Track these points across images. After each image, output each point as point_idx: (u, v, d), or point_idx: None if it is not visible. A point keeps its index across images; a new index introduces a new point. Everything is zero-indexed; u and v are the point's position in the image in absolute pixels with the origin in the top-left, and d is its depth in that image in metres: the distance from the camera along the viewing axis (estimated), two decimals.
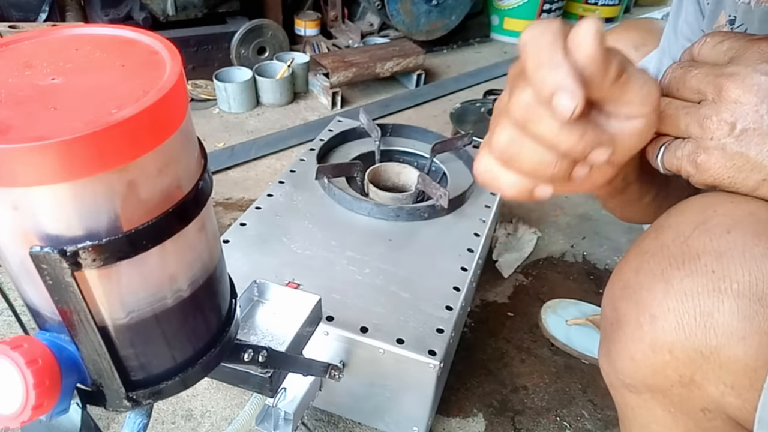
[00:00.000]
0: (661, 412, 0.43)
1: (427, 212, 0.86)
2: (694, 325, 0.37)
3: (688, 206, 0.42)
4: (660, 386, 0.41)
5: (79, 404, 0.33)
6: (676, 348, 0.38)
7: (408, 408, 0.72)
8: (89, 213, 0.27)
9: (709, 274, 0.37)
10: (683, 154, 0.40)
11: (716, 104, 0.37)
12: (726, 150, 0.37)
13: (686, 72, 0.40)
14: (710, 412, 0.39)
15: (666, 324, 0.38)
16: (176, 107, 0.28)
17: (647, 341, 0.39)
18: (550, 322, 1.00)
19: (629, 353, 0.41)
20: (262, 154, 1.45)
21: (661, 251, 0.40)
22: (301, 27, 1.99)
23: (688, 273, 0.38)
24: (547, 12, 2.23)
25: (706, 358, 0.37)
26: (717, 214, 0.39)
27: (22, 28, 1.43)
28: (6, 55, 0.30)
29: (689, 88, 0.39)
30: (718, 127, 0.37)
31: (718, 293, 0.36)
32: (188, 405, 0.83)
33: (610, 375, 0.45)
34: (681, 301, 0.37)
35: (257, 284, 0.55)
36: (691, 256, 0.38)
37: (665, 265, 0.39)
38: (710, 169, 0.38)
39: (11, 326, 0.93)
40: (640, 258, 0.42)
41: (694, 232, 0.39)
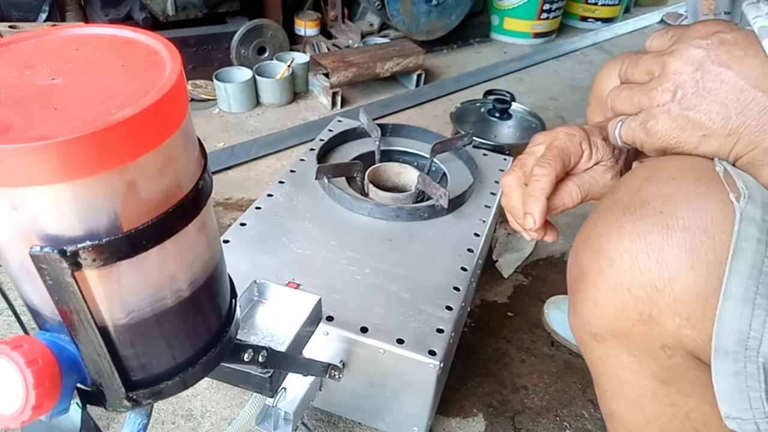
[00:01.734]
0: (626, 358, 0.45)
1: (427, 212, 0.86)
2: (647, 261, 0.40)
3: (638, 168, 0.47)
4: (622, 328, 0.43)
5: (79, 404, 0.33)
6: (634, 285, 0.41)
7: (408, 408, 0.72)
8: (89, 213, 0.27)
9: (658, 215, 0.40)
10: (636, 124, 0.45)
11: (661, 77, 0.43)
12: (671, 113, 0.43)
13: (638, 58, 0.46)
14: (670, 349, 0.42)
15: (623, 264, 0.41)
16: (176, 107, 0.28)
17: (608, 283, 0.42)
18: (552, 317, 1.00)
19: (593, 299, 0.44)
20: (262, 154, 1.45)
21: (615, 204, 0.44)
22: (301, 27, 1.99)
23: (639, 216, 0.41)
24: (547, 12, 2.23)
25: (661, 292, 0.40)
26: (663, 167, 0.44)
27: (22, 28, 1.43)
28: (6, 55, 0.30)
29: (640, 71, 0.46)
30: (662, 95, 0.43)
31: (666, 229, 0.39)
32: (188, 405, 0.83)
33: (578, 330, 0.47)
34: (634, 242, 0.41)
35: (257, 284, 0.55)
36: (641, 202, 0.42)
37: (619, 214, 0.43)
38: (658, 132, 0.44)
39: (11, 326, 0.93)
40: (598, 213, 0.45)
41: (643, 184, 0.43)
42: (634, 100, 0.45)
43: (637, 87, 0.45)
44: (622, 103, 0.47)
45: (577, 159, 0.52)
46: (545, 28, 2.29)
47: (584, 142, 0.52)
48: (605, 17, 2.51)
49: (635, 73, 0.46)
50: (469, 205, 0.91)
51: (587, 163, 0.53)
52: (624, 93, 0.47)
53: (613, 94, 0.48)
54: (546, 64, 2.14)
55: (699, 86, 0.41)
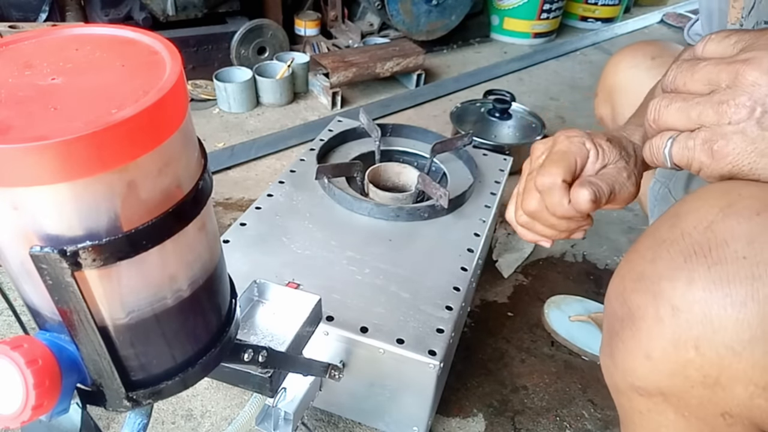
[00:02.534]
0: (673, 417, 0.39)
1: (427, 212, 0.86)
2: (724, 317, 0.33)
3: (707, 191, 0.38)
4: (677, 389, 0.37)
5: (79, 404, 0.33)
6: (703, 343, 0.34)
7: (408, 408, 0.72)
8: (89, 213, 0.27)
9: (741, 260, 0.33)
10: (696, 144, 0.38)
11: (732, 89, 0.36)
12: (746, 134, 0.36)
13: (693, 65, 0.39)
14: (731, 417, 0.36)
15: (691, 316, 0.35)
16: (176, 107, 0.28)
17: (668, 337, 0.36)
18: (552, 317, 1.00)
19: (644, 351, 0.37)
20: (262, 154, 1.45)
21: (682, 239, 0.36)
22: (301, 27, 1.99)
23: (715, 261, 0.34)
24: (547, 12, 2.23)
25: (738, 355, 0.33)
26: (742, 196, 0.36)
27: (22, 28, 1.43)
28: (6, 55, 0.30)
29: (698, 80, 0.38)
30: (736, 110, 0.36)
31: (752, 280, 0.33)
32: (188, 405, 0.83)
33: (615, 377, 0.42)
34: (709, 291, 0.34)
35: (257, 284, 0.55)
36: (718, 242, 0.35)
37: (688, 253, 0.36)
38: (728, 155, 0.37)
39: (11, 326, 0.93)
40: (657, 247, 0.38)
41: (718, 216, 0.36)
42: (692, 114, 0.38)
43: (696, 99, 0.38)
44: (674, 116, 0.39)
45: (584, 159, 0.47)
46: (545, 28, 2.29)
47: (587, 141, 0.47)
48: (605, 17, 2.51)
49: (689, 82, 0.39)
50: (469, 205, 0.91)
51: (594, 165, 0.48)
52: (676, 104, 0.39)
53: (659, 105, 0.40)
54: (546, 64, 2.14)
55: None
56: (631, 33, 2.50)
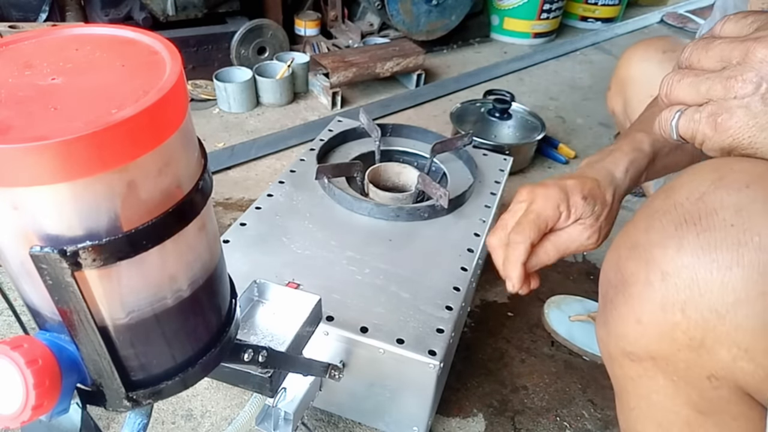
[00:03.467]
0: (663, 381, 0.41)
1: (427, 212, 0.86)
2: (710, 281, 0.35)
3: (700, 167, 0.40)
4: (665, 352, 0.38)
5: (79, 404, 0.33)
6: (689, 306, 0.36)
7: (408, 408, 0.72)
8: (89, 213, 0.27)
9: (728, 228, 0.35)
10: (701, 117, 0.39)
11: (741, 65, 0.37)
12: (750, 108, 0.37)
13: (709, 42, 0.40)
14: (717, 380, 0.37)
15: (679, 280, 0.36)
16: (176, 107, 0.28)
17: (657, 300, 0.37)
18: (552, 317, 1.00)
19: (635, 315, 0.39)
20: (262, 154, 1.45)
21: (674, 209, 0.38)
22: (301, 27, 1.99)
23: (704, 228, 0.35)
24: (547, 12, 2.23)
25: (721, 317, 0.34)
26: (734, 170, 0.37)
27: (22, 28, 1.43)
28: (6, 55, 0.30)
29: (712, 57, 0.39)
30: (742, 86, 0.37)
31: (738, 246, 0.34)
32: (188, 405, 0.83)
33: (609, 344, 0.43)
34: (696, 256, 0.35)
35: (257, 284, 0.55)
36: (708, 211, 0.36)
37: (679, 221, 0.37)
38: (730, 129, 0.38)
39: (11, 326, 0.93)
40: (650, 217, 0.40)
41: (709, 188, 0.37)
42: (701, 88, 0.39)
43: (706, 74, 0.39)
44: (684, 90, 0.40)
45: (554, 221, 0.53)
46: (545, 28, 2.29)
47: (562, 204, 0.52)
48: (605, 17, 2.51)
49: (703, 58, 0.40)
50: (469, 205, 0.91)
51: (565, 222, 0.53)
52: (687, 79, 0.40)
53: (672, 79, 0.41)
54: (546, 64, 2.14)
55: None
56: (631, 33, 2.50)
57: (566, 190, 0.52)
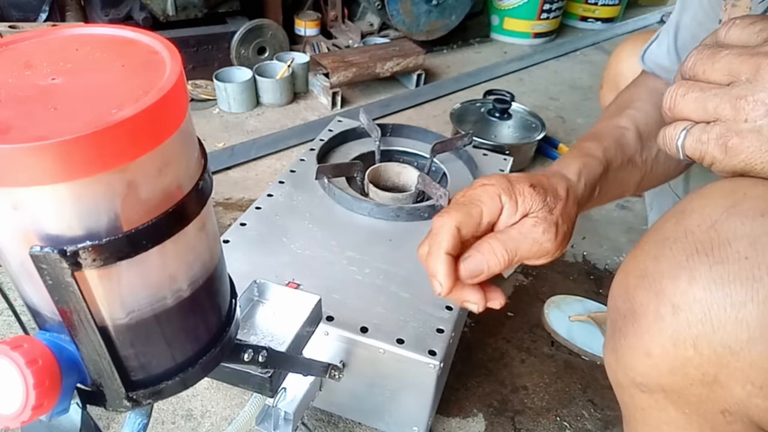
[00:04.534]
0: (674, 414, 0.39)
1: (427, 212, 0.86)
2: (723, 317, 0.33)
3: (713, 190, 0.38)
4: (677, 385, 0.37)
5: (79, 404, 0.33)
6: (702, 342, 0.34)
7: (408, 408, 0.72)
8: (89, 213, 0.27)
9: (742, 260, 0.33)
10: (710, 138, 0.37)
11: (752, 84, 0.35)
12: (762, 132, 0.35)
13: (715, 53, 0.37)
14: (731, 415, 0.36)
15: (691, 315, 0.35)
16: (176, 107, 0.28)
17: (668, 334, 0.36)
18: (552, 317, 1.00)
19: (645, 348, 0.38)
20: (262, 154, 1.45)
21: (686, 237, 0.36)
22: (301, 27, 1.99)
23: (717, 260, 0.34)
24: (547, 12, 2.23)
25: (735, 354, 0.33)
26: (748, 197, 0.36)
27: (22, 28, 1.43)
28: (6, 55, 0.30)
29: (719, 69, 0.37)
30: (753, 107, 0.35)
31: (753, 281, 0.33)
32: (188, 405, 0.83)
33: (617, 373, 0.42)
34: (709, 290, 0.34)
35: (257, 284, 0.55)
36: (721, 241, 0.34)
37: (691, 251, 0.36)
38: (742, 153, 0.36)
39: (11, 326, 0.93)
40: (661, 244, 0.38)
41: (722, 216, 0.35)
42: (708, 106, 0.37)
43: (714, 89, 0.37)
44: (690, 106, 0.38)
45: (495, 213, 0.45)
46: (545, 28, 2.29)
47: (503, 194, 0.44)
48: (605, 17, 2.51)
49: (709, 70, 0.38)
50: None
51: (512, 217, 0.45)
52: (693, 94, 0.38)
53: (677, 93, 0.39)
54: (546, 64, 2.14)
55: None
56: (631, 33, 2.49)
57: (510, 179, 0.45)
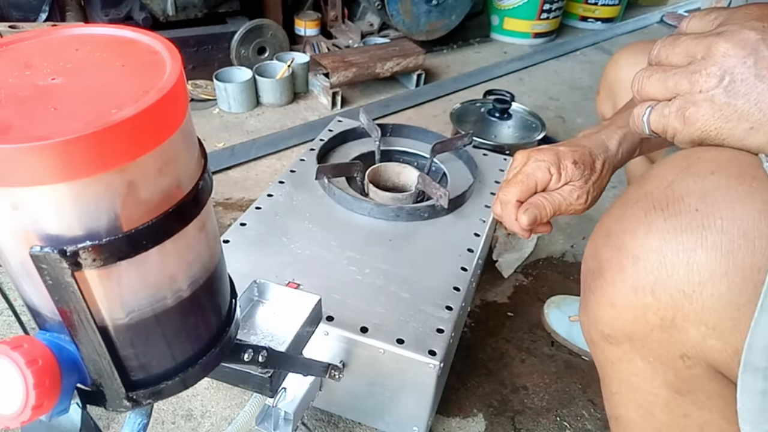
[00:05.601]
0: (640, 363, 0.42)
1: (427, 212, 0.86)
2: (676, 262, 0.37)
3: (671, 158, 0.43)
4: (640, 333, 0.40)
5: (79, 404, 0.33)
6: (658, 288, 0.38)
7: (408, 408, 0.72)
8: (89, 213, 0.27)
9: (693, 212, 0.37)
10: (670, 111, 0.41)
11: (705, 60, 0.39)
12: (714, 101, 0.39)
13: (675, 39, 0.42)
14: (689, 359, 0.39)
15: (648, 263, 0.38)
16: (176, 107, 0.28)
17: (629, 283, 0.39)
18: (552, 317, 1.00)
19: (610, 299, 0.41)
20: (262, 154, 1.45)
21: (645, 197, 0.40)
22: (301, 27, 1.99)
23: (671, 213, 0.38)
24: (547, 12, 2.23)
25: (689, 297, 0.36)
26: (701, 159, 0.40)
27: (22, 28, 1.43)
28: (6, 55, 0.30)
29: (678, 53, 0.41)
30: (706, 80, 0.39)
31: (701, 229, 0.36)
32: (188, 405, 0.83)
33: (590, 329, 0.45)
34: (664, 240, 0.37)
35: (257, 284, 0.55)
36: (675, 198, 0.38)
37: (648, 208, 0.39)
38: (698, 121, 0.40)
39: (11, 326, 0.93)
40: (623, 206, 0.42)
41: (677, 176, 0.39)
42: (669, 84, 0.41)
43: (674, 70, 0.41)
44: (654, 86, 0.42)
45: (545, 182, 0.55)
46: (545, 28, 2.29)
47: (553, 167, 0.54)
48: (605, 17, 2.51)
49: (671, 54, 0.42)
50: (469, 205, 0.91)
51: (557, 184, 0.55)
52: (656, 75, 0.42)
53: (642, 76, 0.43)
54: (546, 64, 2.14)
55: (750, 72, 0.37)
56: (631, 33, 2.50)
57: (558, 155, 0.55)
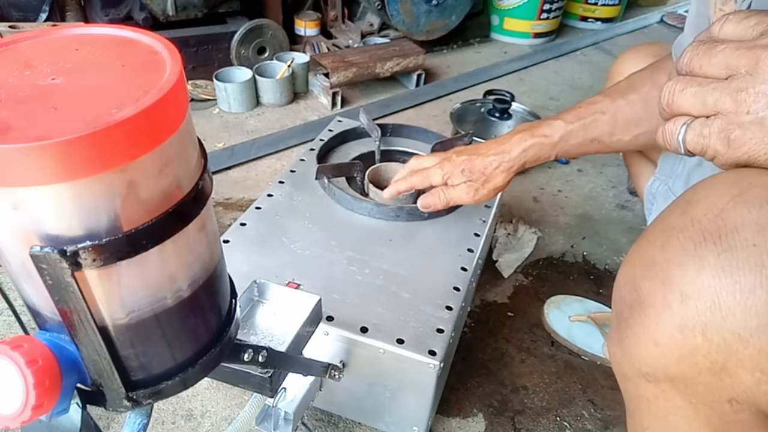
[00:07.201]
0: (680, 403, 0.39)
1: (426, 212, 0.86)
2: (732, 304, 0.33)
3: (717, 180, 0.38)
4: (685, 374, 0.37)
5: (79, 404, 0.33)
6: (710, 329, 0.34)
7: (408, 408, 0.72)
8: (89, 213, 0.27)
9: (750, 248, 0.33)
10: (711, 132, 0.37)
11: (752, 76, 0.35)
12: (764, 124, 0.35)
13: (711, 48, 0.37)
14: (738, 404, 0.36)
15: (699, 303, 0.35)
16: (176, 107, 0.28)
17: (676, 323, 0.36)
18: (552, 317, 1.00)
19: (652, 337, 0.38)
20: (262, 154, 1.45)
21: (692, 226, 0.37)
22: (301, 27, 1.99)
23: (725, 248, 0.34)
24: (547, 12, 2.23)
25: (744, 341, 0.34)
26: (753, 185, 0.36)
27: (22, 28, 1.43)
28: (6, 55, 0.30)
29: (716, 64, 0.37)
30: (755, 99, 0.35)
31: (761, 268, 0.33)
32: (188, 405, 0.83)
33: (623, 363, 0.42)
34: (718, 278, 0.34)
35: (257, 284, 0.55)
36: (728, 230, 0.35)
37: (698, 239, 0.36)
38: (745, 145, 0.36)
39: (11, 326, 0.93)
40: (668, 234, 0.38)
41: (728, 204, 0.36)
42: (708, 100, 0.37)
43: (713, 84, 0.37)
44: (689, 101, 0.38)
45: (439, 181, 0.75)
46: (545, 28, 2.29)
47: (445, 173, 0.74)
48: (605, 17, 2.51)
49: (706, 65, 0.38)
50: (469, 205, 0.91)
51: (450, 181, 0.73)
52: (692, 89, 0.38)
53: (674, 88, 0.39)
54: (546, 64, 2.14)
55: None
56: (631, 33, 2.50)
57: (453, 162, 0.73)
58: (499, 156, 0.71)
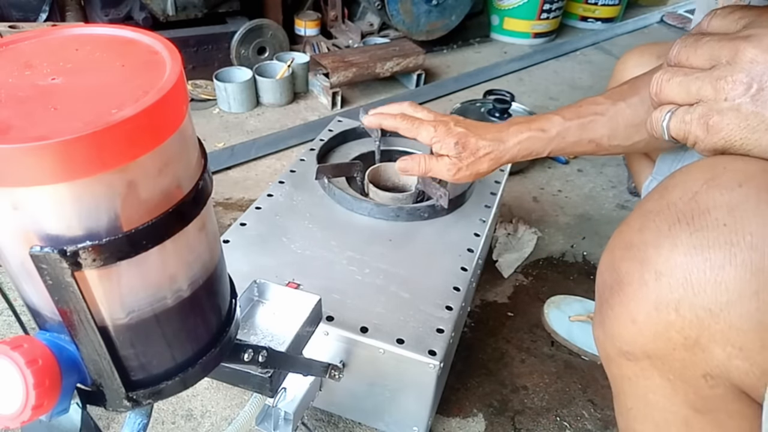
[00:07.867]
0: (659, 381, 0.41)
1: (427, 212, 0.86)
2: (703, 280, 0.35)
3: (694, 166, 0.40)
4: (661, 351, 0.39)
5: (79, 404, 0.33)
6: (683, 305, 0.36)
7: (408, 408, 0.72)
8: (89, 213, 0.27)
9: (721, 227, 0.35)
10: (692, 118, 0.39)
11: (731, 65, 0.37)
12: (741, 110, 0.37)
13: (697, 40, 0.39)
14: (713, 379, 0.38)
15: (672, 280, 0.36)
16: (176, 107, 0.28)
17: (651, 300, 0.37)
18: (552, 317, 1.00)
19: (630, 315, 0.39)
20: (262, 154, 1.45)
21: (668, 209, 0.38)
22: (301, 27, 1.99)
23: (697, 228, 0.36)
24: (547, 12, 2.23)
25: (715, 316, 0.35)
26: (727, 170, 0.37)
27: (22, 28, 1.43)
28: (6, 55, 0.30)
29: (701, 55, 0.39)
30: (732, 87, 0.37)
31: (730, 246, 0.34)
32: (188, 405, 0.83)
33: (606, 345, 0.43)
34: (690, 256, 0.35)
35: (257, 284, 0.55)
36: (701, 211, 0.36)
37: (672, 221, 0.37)
38: (722, 131, 0.38)
39: (11, 326, 0.93)
40: (644, 217, 0.40)
41: (702, 188, 0.37)
42: (692, 89, 0.39)
43: (696, 73, 0.39)
44: (674, 90, 0.40)
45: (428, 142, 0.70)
46: (545, 28, 2.29)
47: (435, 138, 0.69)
48: (605, 17, 2.51)
49: (692, 56, 0.40)
50: (469, 205, 0.91)
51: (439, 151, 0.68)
52: (677, 78, 0.40)
53: (662, 78, 0.41)
54: (546, 64, 2.14)
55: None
56: (631, 33, 2.50)
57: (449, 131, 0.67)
58: (494, 143, 0.68)
